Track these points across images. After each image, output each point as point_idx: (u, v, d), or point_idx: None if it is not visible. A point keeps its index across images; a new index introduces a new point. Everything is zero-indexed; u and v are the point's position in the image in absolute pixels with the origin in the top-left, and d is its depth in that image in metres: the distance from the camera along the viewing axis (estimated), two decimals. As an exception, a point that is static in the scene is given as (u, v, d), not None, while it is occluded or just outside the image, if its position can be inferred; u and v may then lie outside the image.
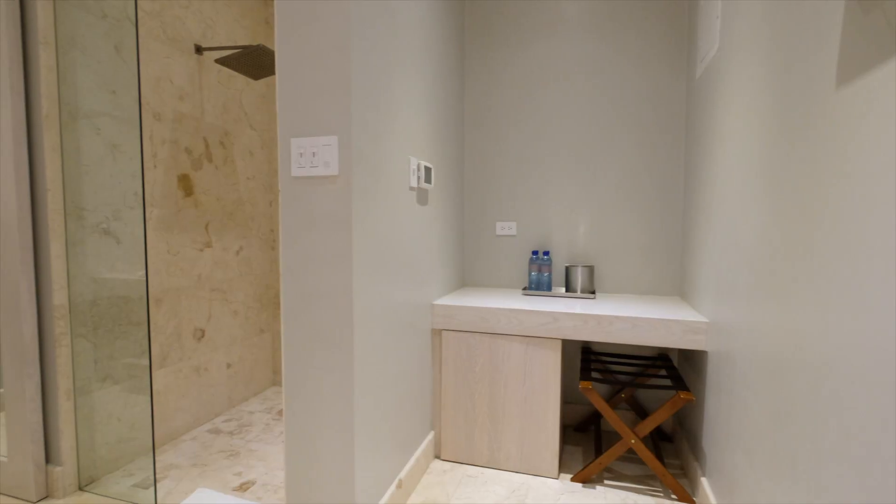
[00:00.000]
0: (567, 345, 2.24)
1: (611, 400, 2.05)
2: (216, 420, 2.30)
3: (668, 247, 2.07)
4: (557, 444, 1.76)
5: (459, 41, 2.21)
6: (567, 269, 2.04)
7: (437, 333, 1.90)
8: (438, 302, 1.89)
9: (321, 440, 1.31)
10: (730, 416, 1.30)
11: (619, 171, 2.11)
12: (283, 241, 1.30)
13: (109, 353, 1.73)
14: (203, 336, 2.25)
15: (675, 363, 2.07)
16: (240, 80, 2.44)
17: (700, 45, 1.76)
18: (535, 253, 2.12)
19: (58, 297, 1.60)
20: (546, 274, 2.08)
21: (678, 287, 2.07)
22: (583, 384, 1.67)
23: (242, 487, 1.72)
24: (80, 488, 1.69)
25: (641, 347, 2.13)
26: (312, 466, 1.32)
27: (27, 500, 1.62)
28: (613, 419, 1.66)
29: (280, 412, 2.39)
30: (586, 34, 2.12)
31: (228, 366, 2.41)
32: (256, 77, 2.30)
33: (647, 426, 1.64)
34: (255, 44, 2.00)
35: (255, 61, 2.12)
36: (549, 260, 2.08)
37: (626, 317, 1.64)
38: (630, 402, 2.09)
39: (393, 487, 1.51)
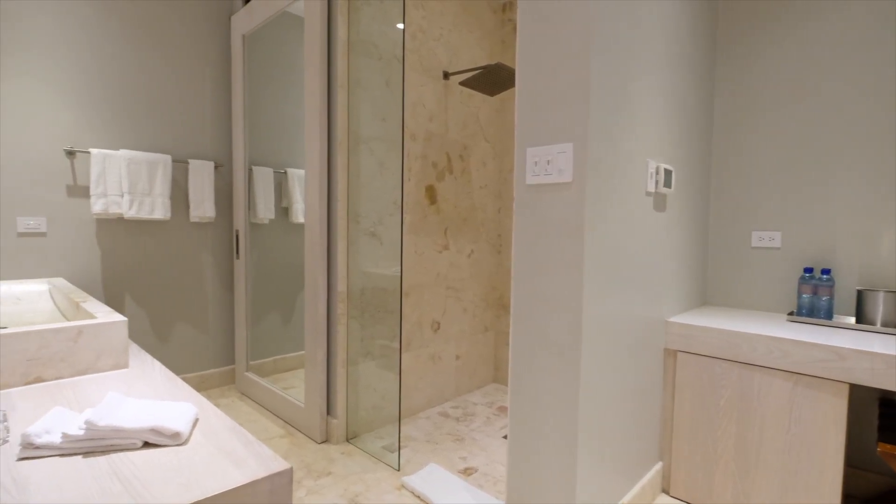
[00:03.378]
0: (856, 392, 1.74)
1: (930, 477, 1.50)
2: (445, 405, 2.56)
3: None
4: (837, 517, 1.38)
5: (710, 24, 1.95)
6: (861, 293, 1.58)
7: (670, 354, 1.71)
8: (674, 319, 1.70)
9: (543, 445, 1.32)
10: None
11: (957, 165, 1.53)
12: (515, 246, 1.36)
13: (371, 334, 2.10)
14: (438, 328, 2.53)
15: None
16: (477, 97, 2.67)
17: None
18: (808, 271, 1.71)
19: (341, 285, 2.03)
20: (825, 298, 1.66)
21: None
22: (883, 447, 1.27)
23: (466, 472, 1.86)
24: (347, 440, 2.10)
25: None
26: (533, 470, 1.34)
27: (314, 440, 2.10)
28: (937, 505, 1.21)
29: (499, 408, 2.51)
30: (903, -14, 1.61)
31: (457, 357, 2.66)
32: (492, 93, 2.48)
33: None
34: (492, 63, 2.16)
35: (492, 79, 2.29)
36: (831, 281, 1.65)
37: (968, 367, 1.18)
38: (966, 488, 1.49)
39: (614, 512, 1.42)
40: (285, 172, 2.78)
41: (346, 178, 2.03)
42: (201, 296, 2.69)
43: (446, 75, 2.45)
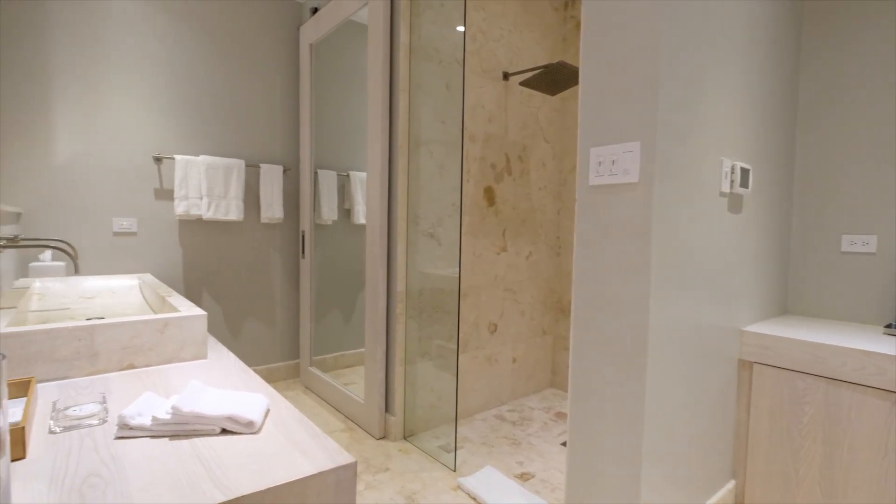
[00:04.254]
0: (967, 416, 1.54)
1: None
2: (501, 408, 2.54)
3: None
4: (945, 557, 1.23)
5: (795, 11, 1.80)
6: (976, 305, 1.40)
7: (745, 366, 1.60)
8: (750, 329, 1.58)
9: (605, 455, 1.27)
10: None
11: None
12: (577, 248, 1.33)
13: (428, 334, 2.12)
14: (495, 330, 2.52)
15: None
16: (537, 97, 2.63)
17: None
18: (910, 279, 1.54)
19: (400, 285, 2.07)
20: (931, 310, 1.48)
21: None
22: None
23: (523, 477, 1.83)
24: (404, 437, 2.14)
25: None
26: (594, 481, 1.30)
27: (373, 436, 2.15)
28: None
29: (557, 414, 2.46)
30: None
31: (514, 360, 2.63)
32: (553, 93, 2.43)
33: None
34: (554, 62, 2.11)
35: (553, 78, 2.24)
36: (939, 290, 1.47)
37: None
38: None
39: (681, 530, 1.35)
40: (348, 175, 2.87)
41: (406, 181, 2.07)
42: (269, 293, 2.84)
43: (506, 76, 2.43)
